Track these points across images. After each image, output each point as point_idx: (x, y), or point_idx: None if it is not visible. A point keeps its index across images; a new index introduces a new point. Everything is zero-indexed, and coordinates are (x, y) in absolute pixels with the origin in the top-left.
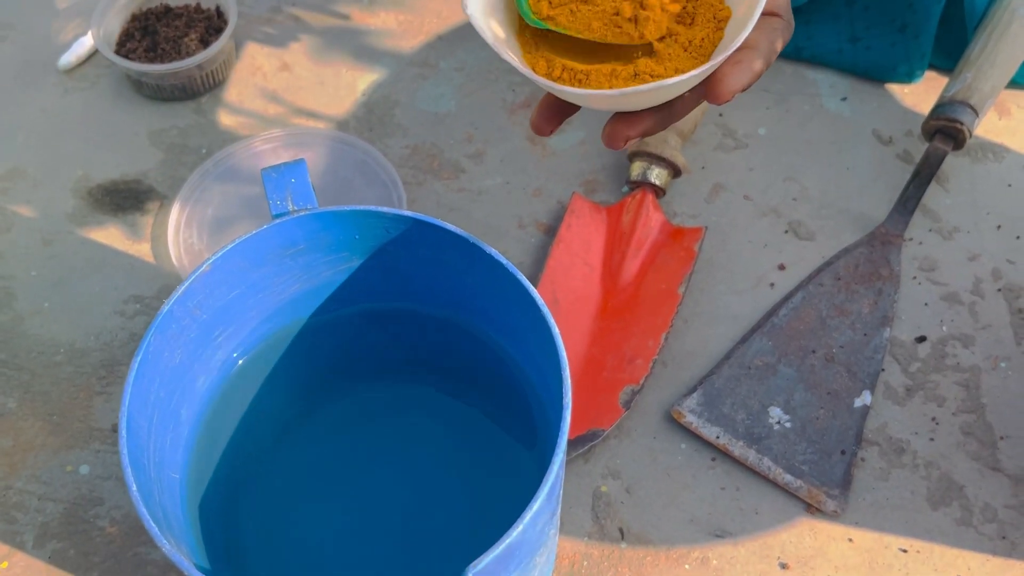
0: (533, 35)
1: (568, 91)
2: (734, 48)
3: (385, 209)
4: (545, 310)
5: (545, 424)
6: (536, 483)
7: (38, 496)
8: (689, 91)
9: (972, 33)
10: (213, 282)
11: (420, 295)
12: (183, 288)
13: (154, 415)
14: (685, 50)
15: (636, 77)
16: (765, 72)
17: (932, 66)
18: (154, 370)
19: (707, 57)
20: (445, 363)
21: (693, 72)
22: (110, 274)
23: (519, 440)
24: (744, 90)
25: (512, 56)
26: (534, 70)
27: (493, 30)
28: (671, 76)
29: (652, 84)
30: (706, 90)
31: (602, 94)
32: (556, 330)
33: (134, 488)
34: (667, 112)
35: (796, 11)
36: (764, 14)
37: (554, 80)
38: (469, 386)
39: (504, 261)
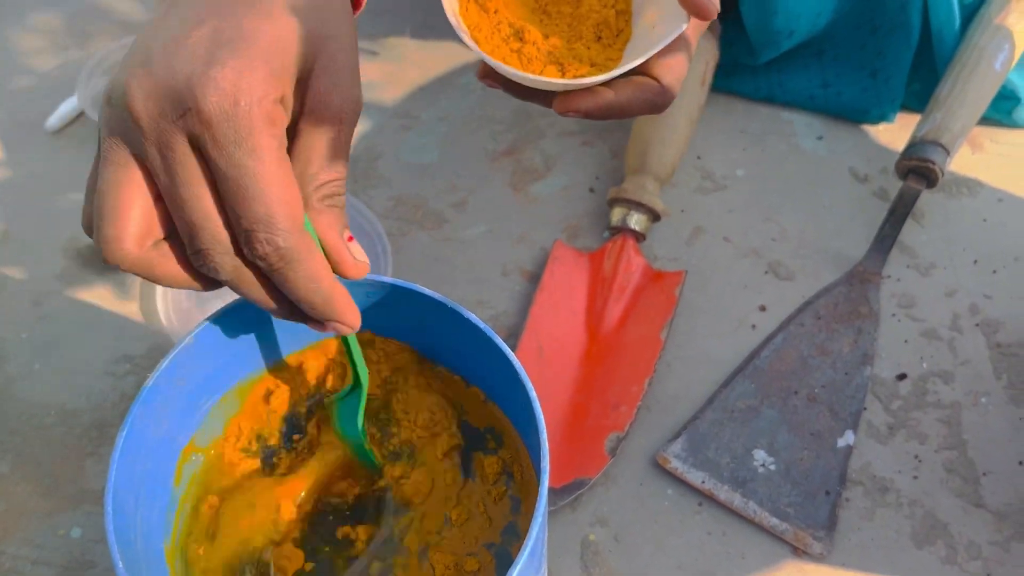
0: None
1: (512, 72)
2: (627, 68)
3: (365, 277)
4: (524, 376)
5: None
6: (519, 533)
7: (31, 561)
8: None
9: (942, 74)
10: (197, 353)
11: None
12: (166, 362)
13: (141, 488)
14: (593, 66)
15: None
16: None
17: (904, 107)
18: (140, 443)
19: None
20: None
21: (599, 77)
22: (100, 334)
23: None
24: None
25: (470, 40)
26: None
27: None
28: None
29: (568, 81)
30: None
31: (534, 79)
32: (535, 396)
33: (120, 566)
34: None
35: (767, 63)
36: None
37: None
38: None
39: (482, 325)
